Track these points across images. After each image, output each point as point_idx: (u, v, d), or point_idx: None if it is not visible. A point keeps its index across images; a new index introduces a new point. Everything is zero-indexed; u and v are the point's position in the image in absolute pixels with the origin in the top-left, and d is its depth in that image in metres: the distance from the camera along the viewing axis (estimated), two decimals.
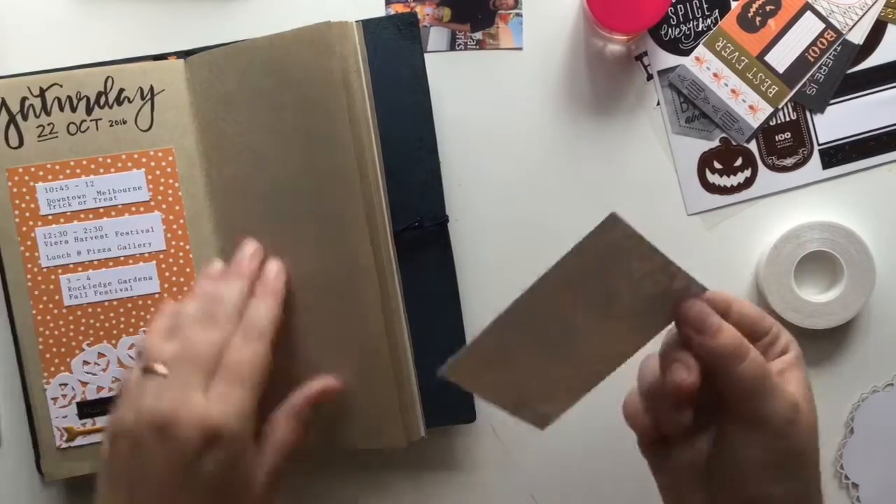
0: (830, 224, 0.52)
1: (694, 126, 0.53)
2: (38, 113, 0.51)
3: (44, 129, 0.51)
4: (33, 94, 0.51)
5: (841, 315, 0.52)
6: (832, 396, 0.54)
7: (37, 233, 0.51)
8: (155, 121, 0.51)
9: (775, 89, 0.53)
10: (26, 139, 0.51)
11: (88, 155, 0.51)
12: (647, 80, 0.53)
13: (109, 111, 0.51)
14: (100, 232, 0.51)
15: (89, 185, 0.51)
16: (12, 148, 0.51)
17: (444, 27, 0.54)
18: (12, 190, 0.51)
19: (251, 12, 0.53)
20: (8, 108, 0.51)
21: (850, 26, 0.52)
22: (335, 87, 0.48)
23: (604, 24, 0.49)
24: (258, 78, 0.49)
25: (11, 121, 0.51)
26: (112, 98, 0.51)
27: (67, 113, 0.51)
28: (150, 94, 0.51)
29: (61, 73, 0.51)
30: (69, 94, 0.51)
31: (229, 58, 0.50)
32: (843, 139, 0.53)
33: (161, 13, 0.53)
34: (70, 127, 0.51)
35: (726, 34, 0.53)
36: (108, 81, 0.51)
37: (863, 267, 0.51)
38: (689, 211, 0.54)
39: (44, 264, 0.51)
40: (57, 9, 0.53)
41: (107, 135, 0.51)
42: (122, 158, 0.51)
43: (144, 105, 0.51)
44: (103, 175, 0.51)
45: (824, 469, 0.54)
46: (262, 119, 0.49)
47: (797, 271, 0.52)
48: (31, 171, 0.51)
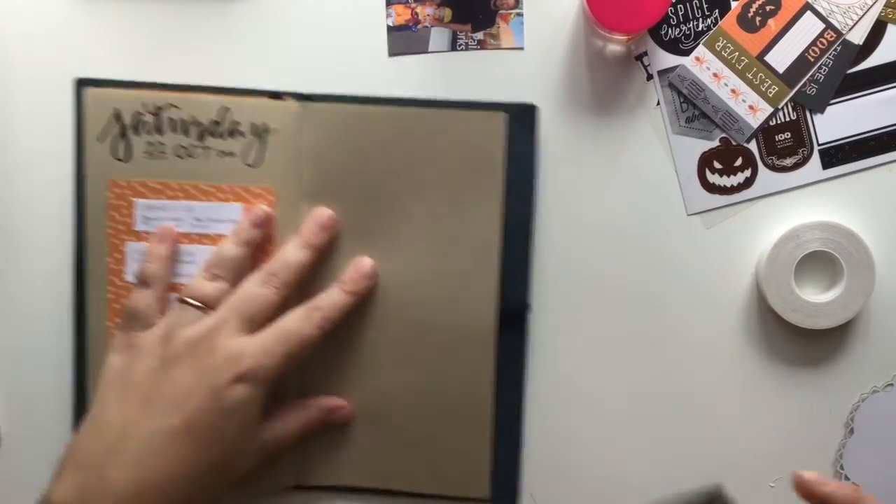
0: (830, 224, 0.52)
1: (694, 126, 0.53)
2: (150, 130, 0.51)
3: (153, 147, 0.51)
4: (148, 111, 0.50)
5: (841, 315, 0.52)
6: (832, 396, 0.54)
7: (127, 247, 0.51)
8: (262, 159, 0.51)
9: (775, 89, 0.53)
10: (134, 153, 0.51)
11: (192, 180, 0.51)
12: (647, 80, 0.53)
13: (220, 141, 0.51)
14: (190, 258, 0.51)
15: (187, 209, 0.51)
16: (118, 160, 0.51)
17: (445, 27, 0.54)
18: (111, 201, 0.51)
19: (251, 12, 0.53)
20: (121, 120, 0.50)
21: (850, 26, 0.52)
22: (494, 166, 0.51)
23: (604, 24, 0.49)
24: (401, 143, 0.51)
25: (122, 133, 0.51)
26: (225, 129, 0.51)
27: (179, 135, 0.51)
28: (263, 132, 0.51)
29: (178, 95, 0.51)
30: (183, 118, 0.51)
31: (365, 116, 0.51)
32: (843, 139, 0.53)
33: (161, 13, 0.53)
34: (179, 150, 0.51)
35: (726, 34, 0.53)
36: (223, 112, 0.51)
37: (863, 267, 0.51)
38: (689, 211, 0.54)
39: (128, 279, 0.51)
40: (57, 8, 0.53)
41: (213, 164, 0.51)
42: (223, 189, 0.51)
43: (255, 141, 0.51)
44: (203, 202, 0.51)
45: (825, 469, 0.55)
46: (394, 179, 0.51)
47: (797, 271, 0.52)
48: (133, 185, 0.51)
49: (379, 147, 0.51)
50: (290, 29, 0.53)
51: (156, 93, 0.51)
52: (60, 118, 0.53)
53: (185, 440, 0.44)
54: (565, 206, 0.54)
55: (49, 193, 0.53)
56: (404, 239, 0.51)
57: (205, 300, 0.48)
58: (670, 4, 0.51)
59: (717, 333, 0.54)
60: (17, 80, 0.53)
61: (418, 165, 0.51)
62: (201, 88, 0.51)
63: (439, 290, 0.52)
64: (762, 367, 0.54)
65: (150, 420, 0.45)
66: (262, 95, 0.51)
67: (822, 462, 0.54)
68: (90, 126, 0.51)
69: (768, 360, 0.54)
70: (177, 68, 0.53)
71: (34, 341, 0.54)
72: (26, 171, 0.53)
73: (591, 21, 0.51)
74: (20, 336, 0.54)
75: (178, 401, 0.45)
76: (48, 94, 0.53)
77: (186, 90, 0.51)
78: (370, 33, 0.53)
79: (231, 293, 0.48)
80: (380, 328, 0.52)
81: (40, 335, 0.54)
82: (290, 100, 0.51)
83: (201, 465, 0.45)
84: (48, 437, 0.54)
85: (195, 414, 0.45)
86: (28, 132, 0.53)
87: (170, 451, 0.44)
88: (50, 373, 0.54)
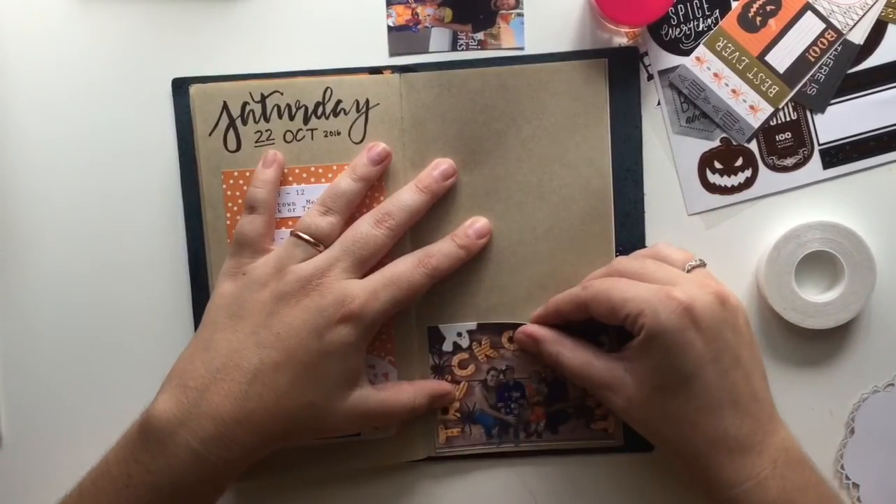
0: (831, 224, 0.52)
1: (694, 126, 0.53)
2: (257, 119, 0.51)
3: (261, 135, 0.51)
4: (255, 99, 0.51)
5: (841, 315, 0.52)
6: (832, 396, 0.54)
7: None
8: (367, 134, 0.51)
9: (776, 89, 0.53)
10: (244, 144, 0.51)
11: (302, 164, 0.51)
12: (648, 80, 0.53)
13: (326, 122, 0.51)
14: None
15: (299, 193, 0.51)
16: (230, 151, 0.51)
17: (446, 28, 0.54)
18: (227, 193, 0.51)
19: (251, 12, 0.53)
20: (229, 112, 0.51)
21: (850, 26, 0.52)
22: (598, 116, 0.52)
23: (609, 16, 0.49)
24: (503, 101, 0.51)
25: (231, 125, 0.51)
26: (329, 109, 0.51)
27: (286, 121, 0.51)
28: (366, 108, 0.51)
29: (282, 81, 0.51)
30: (289, 103, 0.51)
31: (466, 80, 0.51)
32: (843, 139, 0.53)
33: (161, 13, 0.53)
34: (287, 135, 0.51)
35: (727, 34, 0.53)
36: (326, 92, 0.51)
37: (863, 267, 0.52)
38: (690, 211, 0.54)
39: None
40: (56, 8, 0.53)
41: (321, 145, 0.51)
42: (332, 169, 0.51)
43: (359, 118, 0.51)
44: (314, 184, 0.51)
45: (825, 469, 0.55)
46: (500, 139, 0.52)
47: (797, 271, 0.52)
48: (245, 175, 0.51)
49: (481, 108, 0.51)
50: (289, 29, 0.53)
51: (260, 81, 0.52)
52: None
53: (287, 376, 0.45)
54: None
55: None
56: (515, 198, 0.52)
57: (318, 236, 0.48)
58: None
59: None
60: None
61: (522, 122, 0.52)
62: (300, 73, 0.52)
63: (557, 244, 0.52)
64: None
65: (257, 352, 0.46)
66: (362, 72, 0.52)
67: (823, 462, 0.54)
68: (199, 121, 0.51)
69: (769, 360, 0.54)
70: (177, 68, 0.53)
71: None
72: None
73: (597, 13, 0.51)
74: (23, 335, 0.54)
75: (283, 336, 0.46)
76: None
77: (286, 76, 0.52)
78: (371, 34, 0.53)
79: (344, 230, 0.49)
80: (500, 288, 0.52)
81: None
82: (390, 73, 0.52)
83: (298, 403, 0.46)
84: (48, 437, 0.54)
85: (297, 351, 0.46)
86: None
87: (270, 384, 0.45)
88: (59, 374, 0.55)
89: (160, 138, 0.53)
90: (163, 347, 0.53)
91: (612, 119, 0.52)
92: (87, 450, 0.47)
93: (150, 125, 0.53)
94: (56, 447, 0.55)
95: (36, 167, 0.54)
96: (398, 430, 0.53)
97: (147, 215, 0.54)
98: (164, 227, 0.54)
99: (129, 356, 0.54)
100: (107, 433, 0.47)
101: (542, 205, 0.52)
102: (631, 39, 0.53)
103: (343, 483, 0.54)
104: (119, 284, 0.54)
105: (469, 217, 0.52)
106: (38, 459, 0.55)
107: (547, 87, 0.52)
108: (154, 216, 0.54)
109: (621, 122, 0.52)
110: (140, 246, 0.54)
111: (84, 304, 0.54)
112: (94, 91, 0.53)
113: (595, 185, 0.52)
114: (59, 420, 0.54)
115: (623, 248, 0.53)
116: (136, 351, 0.54)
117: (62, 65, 0.53)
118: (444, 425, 0.53)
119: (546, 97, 0.52)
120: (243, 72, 0.53)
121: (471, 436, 0.53)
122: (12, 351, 0.54)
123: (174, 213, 0.54)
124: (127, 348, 0.54)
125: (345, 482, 0.54)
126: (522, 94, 0.52)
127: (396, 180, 0.52)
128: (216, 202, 0.51)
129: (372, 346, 0.52)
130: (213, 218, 0.52)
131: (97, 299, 0.54)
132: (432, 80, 0.52)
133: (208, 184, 0.51)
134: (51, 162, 0.54)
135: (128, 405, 0.48)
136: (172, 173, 0.53)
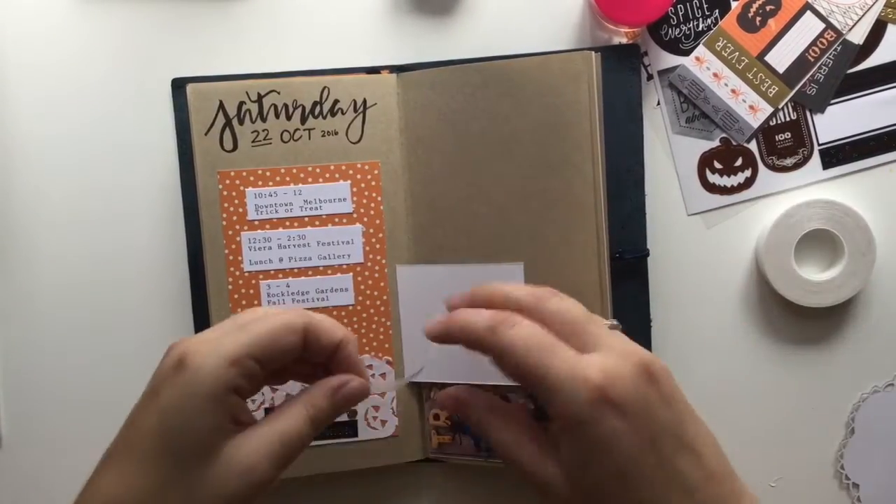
0: (830, 201, 0.52)
1: (694, 126, 0.53)
2: (254, 118, 0.51)
3: (258, 135, 0.51)
4: (251, 99, 0.51)
5: (841, 292, 0.52)
6: (832, 396, 0.54)
7: (242, 237, 0.51)
8: (365, 133, 0.51)
9: (775, 89, 0.53)
10: (240, 143, 0.51)
11: (299, 163, 0.51)
12: (648, 80, 0.53)
13: (323, 121, 0.51)
14: (303, 241, 0.51)
15: (297, 193, 0.51)
16: (226, 151, 0.51)
17: None
18: (223, 193, 0.51)
19: (251, 12, 0.54)
20: (225, 112, 0.51)
21: (850, 26, 0.52)
22: (581, 114, 0.49)
23: (609, 16, 0.49)
24: (488, 99, 0.50)
25: (228, 124, 0.51)
26: (326, 109, 0.51)
27: (283, 120, 0.51)
28: (363, 107, 0.51)
29: (279, 80, 0.51)
30: (286, 102, 0.51)
31: (453, 77, 0.50)
32: (843, 139, 0.53)
33: (160, 13, 0.53)
34: (284, 134, 0.51)
35: (726, 34, 0.53)
36: (323, 92, 0.51)
37: (862, 242, 0.51)
38: (690, 211, 0.54)
39: (246, 269, 0.51)
40: (56, 8, 0.53)
41: (318, 144, 0.51)
42: (330, 169, 0.51)
43: (356, 117, 0.51)
44: (311, 184, 0.51)
45: (825, 469, 0.55)
46: (485, 139, 0.50)
47: (797, 251, 0.52)
48: (242, 175, 0.51)
49: (471, 104, 0.51)
50: (288, 29, 0.53)
51: (256, 81, 0.52)
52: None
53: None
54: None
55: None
56: (501, 197, 0.50)
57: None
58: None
59: (718, 334, 0.54)
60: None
61: (512, 115, 0.50)
62: (297, 73, 0.52)
63: (543, 246, 0.50)
64: (763, 367, 0.54)
65: None
66: (359, 72, 0.52)
67: (823, 462, 0.54)
68: (195, 120, 0.51)
69: (769, 360, 0.54)
70: (176, 68, 0.53)
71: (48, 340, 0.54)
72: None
73: (597, 13, 0.51)
74: (22, 335, 0.55)
75: None
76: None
77: (284, 76, 0.52)
78: (368, 34, 0.53)
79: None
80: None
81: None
82: (387, 73, 0.52)
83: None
84: (48, 438, 0.54)
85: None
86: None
87: None
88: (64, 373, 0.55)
89: (160, 138, 0.54)
90: (162, 347, 0.53)
91: (611, 119, 0.51)
92: (88, 450, 0.47)
93: (150, 125, 0.54)
94: (56, 447, 0.55)
95: (36, 166, 0.54)
96: (397, 431, 0.53)
97: (147, 215, 0.54)
98: (164, 227, 0.54)
99: (129, 356, 0.54)
100: (106, 433, 0.47)
101: (528, 205, 0.50)
102: (630, 39, 0.53)
103: (342, 483, 0.54)
104: (119, 284, 0.54)
105: (471, 217, 0.51)
106: (38, 459, 0.55)
107: (535, 81, 0.50)
108: (154, 216, 0.54)
109: (622, 122, 0.52)
110: (140, 246, 0.54)
111: (83, 304, 0.54)
112: (93, 91, 0.53)
113: (581, 189, 0.49)
114: (59, 420, 0.54)
115: (624, 249, 0.52)
116: (136, 350, 0.54)
117: (62, 65, 0.53)
118: (436, 431, 0.53)
119: (534, 91, 0.49)
120: (243, 71, 0.53)
121: (461, 445, 0.53)
122: (12, 351, 0.54)
123: (174, 214, 0.54)
124: (127, 348, 0.54)
125: (344, 482, 0.54)
126: (510, 88, 0.50)
127: (395, 180, 0.52)
128: (212, 202, 0.51)
129: (370, 346, 0.51)
130: (209, 218, 0.51)
131: (97, 299, 0.54)
132: (428, 79, 0.51)
133: (204, 184, 0.51)
134: (51, 161, 0.54)
135: (127, 405, 0.48)
136: (172, 173, 0.53)
